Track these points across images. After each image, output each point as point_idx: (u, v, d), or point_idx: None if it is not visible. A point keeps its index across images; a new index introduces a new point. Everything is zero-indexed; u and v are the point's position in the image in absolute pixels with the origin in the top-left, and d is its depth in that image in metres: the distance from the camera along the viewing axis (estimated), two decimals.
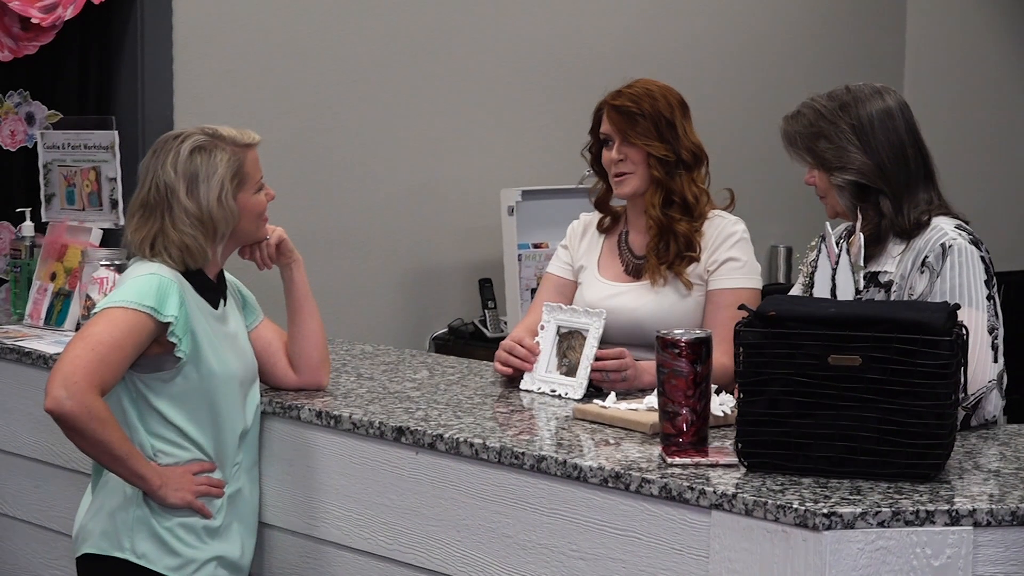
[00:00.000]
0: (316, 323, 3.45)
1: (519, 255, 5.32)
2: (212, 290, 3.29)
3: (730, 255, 3.64)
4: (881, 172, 3.29)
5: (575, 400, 3.39)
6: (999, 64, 7.31)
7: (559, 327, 3.52)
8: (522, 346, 3.54)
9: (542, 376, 3.50)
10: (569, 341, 3.51)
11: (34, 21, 4.53)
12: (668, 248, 3.65)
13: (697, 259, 3.65)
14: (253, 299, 3.49)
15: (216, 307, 3.29)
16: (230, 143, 3.26)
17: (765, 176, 6.05)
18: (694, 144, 3.69)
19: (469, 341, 5.41)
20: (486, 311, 5.46)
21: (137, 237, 3.24)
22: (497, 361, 3.60)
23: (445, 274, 5.56)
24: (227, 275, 3.41)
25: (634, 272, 3.73)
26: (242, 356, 3.33)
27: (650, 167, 3.65)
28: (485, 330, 5.39)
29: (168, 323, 3.12)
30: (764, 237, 6.28)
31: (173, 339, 3.13)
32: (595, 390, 3.42)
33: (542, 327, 3.55)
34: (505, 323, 5.37)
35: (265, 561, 3.43)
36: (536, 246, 5.31)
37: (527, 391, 3.49)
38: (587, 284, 3.77)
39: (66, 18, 4.58)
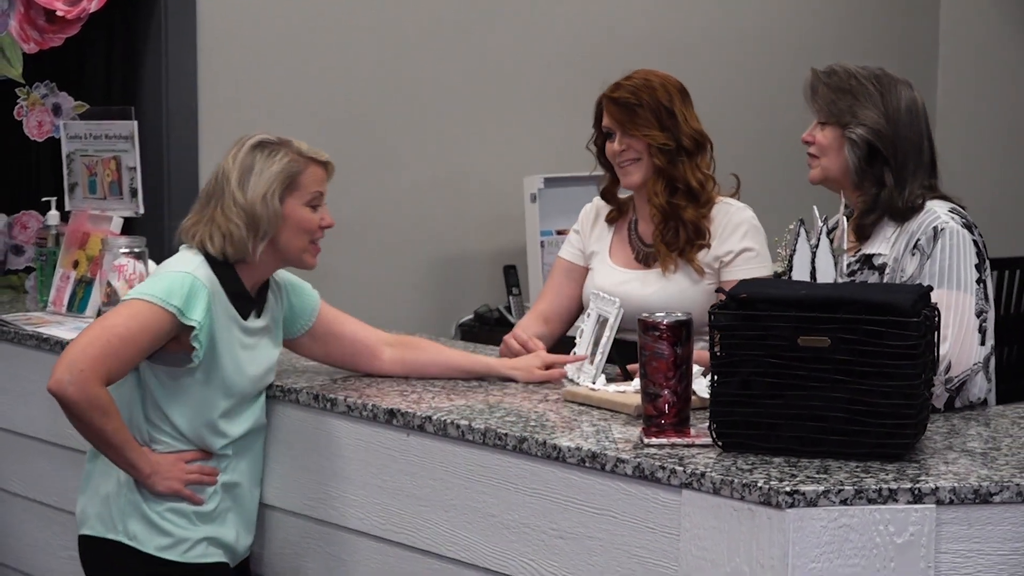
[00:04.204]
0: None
1: (542, 242, 5.36)
2: (246, 300, 3.30)
3: (744, 245, 3.65)
4: (895, 143, 3.31)
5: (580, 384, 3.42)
6: None
7: (599, 315, 3.52)
8: (516, 340, 3.60)
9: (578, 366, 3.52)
10: (600, 329, 3.53)
11: (59, 14, 4.60)
12: (677, 235, 3.67)
13: (707, 245, 3.67)
14: (307, 303, 3.47)
15: (245, 318, 3.30)
16: (295, 151, 3.28)
17: (796, 162, 6.04)
18: (695, 130, 3.69)
19: (494, 327, 5.44)
20: (511, 297, 5.50)
21: (189, 223, 3.29)
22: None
23: (470, 261, 5.61)
24: (278, 282, 3.41)
25: (644, 260, 3.75)
26: (257, 370, 3.34)
27: (652, 156, 3.67)
28: (510, 316, 5.43)
29: (191, 326, 3.16)
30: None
31: (195, 344, 3.17)
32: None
33: (588, 315, 3.56)
34: (529, 309, 5.39)
35: (266, 541, 3.49)
36: (559, 232, 5.33)
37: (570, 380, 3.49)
38: (598, 270, 3.80)
39: (91, 11, 4.63)
